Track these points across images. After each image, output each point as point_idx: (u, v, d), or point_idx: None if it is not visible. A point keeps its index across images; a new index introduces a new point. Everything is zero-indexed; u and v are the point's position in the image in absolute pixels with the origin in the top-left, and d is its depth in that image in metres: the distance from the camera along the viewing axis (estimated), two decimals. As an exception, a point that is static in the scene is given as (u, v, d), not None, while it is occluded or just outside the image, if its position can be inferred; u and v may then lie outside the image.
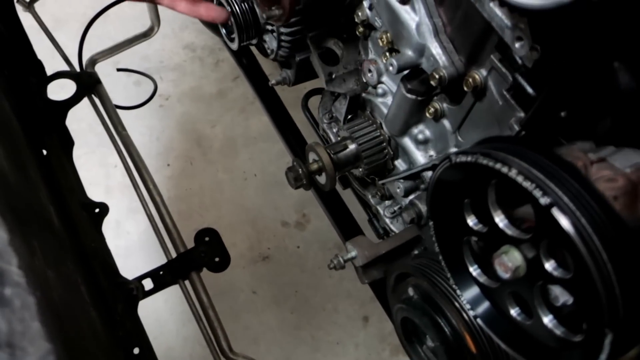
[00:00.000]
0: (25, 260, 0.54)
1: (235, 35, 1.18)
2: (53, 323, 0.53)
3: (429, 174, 0.96)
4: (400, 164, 1.05)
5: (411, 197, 1.04)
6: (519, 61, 0.68)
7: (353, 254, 1.01)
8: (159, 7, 1.58)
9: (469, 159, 0.64)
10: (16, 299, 0.50)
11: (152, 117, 2.23)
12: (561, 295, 0.65)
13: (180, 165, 2.17)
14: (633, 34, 0.61)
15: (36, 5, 1.53)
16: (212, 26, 1.35)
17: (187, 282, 1.09)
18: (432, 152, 0.97)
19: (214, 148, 2.21)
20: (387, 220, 1.14)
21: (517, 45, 0.65)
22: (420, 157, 0.98)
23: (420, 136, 0.96)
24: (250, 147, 2.21)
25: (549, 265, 0.63)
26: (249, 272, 1.96)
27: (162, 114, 2.28)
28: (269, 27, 1.15)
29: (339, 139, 1.11)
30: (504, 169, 0.60)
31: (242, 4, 1.13)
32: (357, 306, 1.92)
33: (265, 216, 2.07)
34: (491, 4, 0.65)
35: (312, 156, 1.05)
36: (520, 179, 0.58)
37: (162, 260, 1.11)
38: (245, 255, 1.99)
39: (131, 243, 1.96)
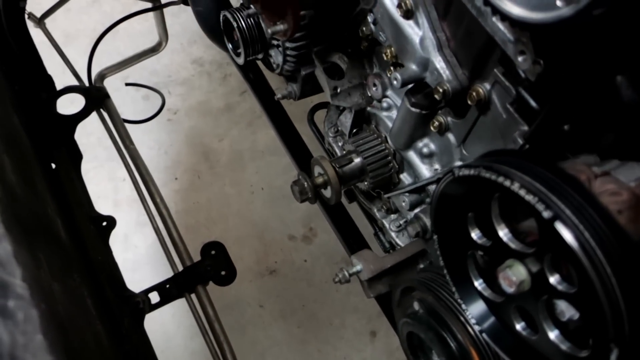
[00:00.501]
0: (30, 273, 0.54)
1: (241, 50, 1.19)
2: (56, 336, 0.53)
3: (434, 187, 0.96)
4: (405, 178, 1.05)
5: (416, 210, 1.03)
6: (522, 75, 0.69)
7: (358, 267, 1.01)
8: (167, 23, 1.60)
9: (472, 172, 0.64)
10: (19, 312, 0.50)
11: (160, 131, 2.25)
12: (567, 310, 0.64)
13: (188, 179, 2.18)
14: (635, 47, 0.61)
15: (47, 21, 1.56)
16: (218, 41, 1.36)
17: (193, 296, 1.09)
18: (437, 166, 0.97)
19: (221, 162, 2.22)
20: (393, 234, 1.14)
21: (520, 59, 0.65)
22: (425, 171, 0.98)
23: (425, 150, 0.97)
24: (257, 161, 2.22)
25: (553, 280, 0.62)
26: (256, 285, 1.96)
27: (170, 128, 2.29)
28: (275, 42, 1.16)
29: (344, 152, 1.11)
30: (507, 183, 0.59)
31: (248, 20, 1.14)
32: (364, 321, 1.91)
33: (272, 230, 2.07)
34: (493, 19, 0.66)
35: (317, 170, 1.05)
36: (522, 192, 0.58)
37: (169, 273, 1.11)
38: (252, 268, 1.99)
39: (139, 256, 1.96)
